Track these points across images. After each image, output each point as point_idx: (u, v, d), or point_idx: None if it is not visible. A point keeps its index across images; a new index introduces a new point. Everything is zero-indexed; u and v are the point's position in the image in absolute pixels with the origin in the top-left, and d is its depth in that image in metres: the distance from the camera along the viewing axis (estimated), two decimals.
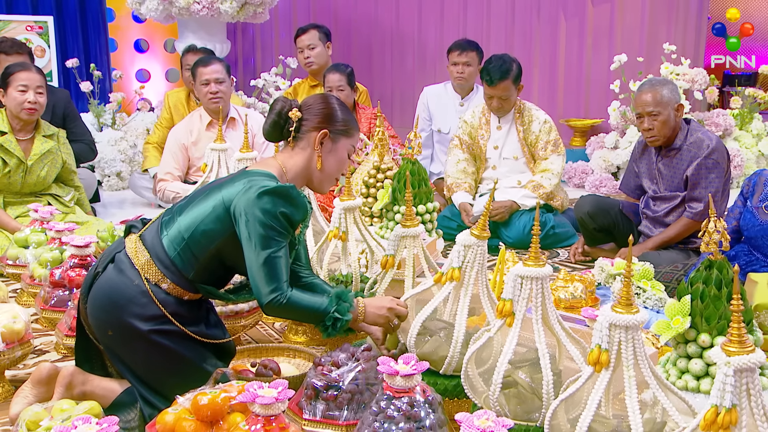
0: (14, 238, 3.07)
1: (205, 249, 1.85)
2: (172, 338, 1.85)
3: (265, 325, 2.74)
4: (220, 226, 1.84)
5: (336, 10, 6.60)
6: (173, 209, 1.93)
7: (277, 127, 1.96)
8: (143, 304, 1.83)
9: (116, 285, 1.85)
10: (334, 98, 2.02)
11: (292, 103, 1.98)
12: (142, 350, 1.85)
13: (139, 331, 1.82)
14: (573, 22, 6.12)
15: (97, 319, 1.87)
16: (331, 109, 1.98)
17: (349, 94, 4.19)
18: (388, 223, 2.86)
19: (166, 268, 1.85)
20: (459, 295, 1.84)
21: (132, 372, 1.87)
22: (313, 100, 2.00)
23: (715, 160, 3.15)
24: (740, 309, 1.29)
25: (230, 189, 1.86)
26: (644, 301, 2.52)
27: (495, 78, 3.78)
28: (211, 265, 1.88)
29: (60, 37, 5.60)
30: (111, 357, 1.91)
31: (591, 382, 1.46)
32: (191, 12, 5.13)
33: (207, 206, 1.86)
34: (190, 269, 1.86)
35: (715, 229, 1.69)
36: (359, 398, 1.72)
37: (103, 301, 1.85)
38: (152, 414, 1.80)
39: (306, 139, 1.97)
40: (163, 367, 1.86)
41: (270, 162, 1.98)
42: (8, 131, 3.36)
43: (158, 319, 1.84)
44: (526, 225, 3.75)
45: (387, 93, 6.51)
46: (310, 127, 1.96)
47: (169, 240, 1.86)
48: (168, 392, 1.80)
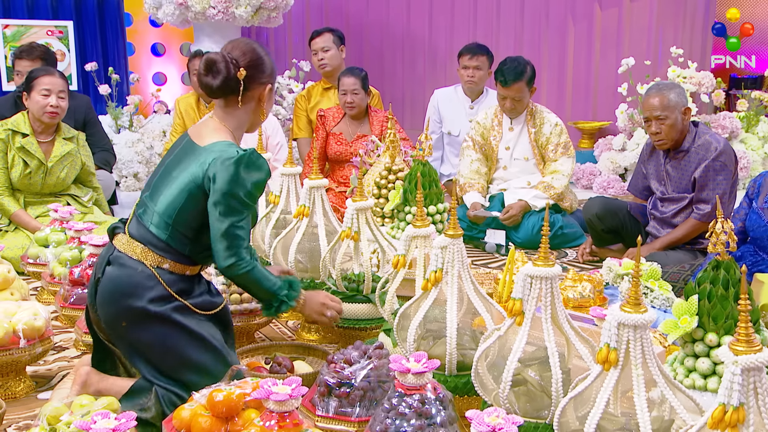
0: (35, 238, 3.14)
1: (191, 227, 1.92)
2: (184, 314, 1.90)
3: (278, 323, 2.78)
4: (199, 204, 1.89)
5: (348, 14, 6.65)
6: (144, 200, 1.98)
7: (227, 88, 1.95)
8: (151, 287, 1.88)
9: (121, 278, 1.90)
10: (261, 47, 2.02)
11: (235, 59, 1.94)
12: (157, 333, 1.88)
13: (151, 313, 1.87)
14: (581, 26, 6.14)
15: (108, 315, 1.91)
16: (268, 61, 2.01)
17: (363, 97, 4.23)
18: (399, 223, 2.90)
19: (163, 250, 1.91)
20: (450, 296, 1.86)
21: (148, 362, 1.91)
22: (246, 52, 1.96)
23: (722, 163, 3.16)
24: (748, 309, 1.31)
25: (196, 167, 1.89)
26: (652, 301, 2.54)
27: (509, 79, 3.81)
28: (201, 238, 1.94)
29: (79, 41, 5.68)
30: (127, 352, 1.95)
31: (600, 381, 1.48)
32: (207, 16, 5.19)
33: (180, 188, 1.90)
34: (184, 246, 1.93)
35: (723, 230, 1.71)
36: (371, 395, 1.74)
37: (112, 295, 1.89)
38: (170, 399, 1.85)
39: (251, 95, 1.99)
40: (178, 345, 1.89)
41: (216, 126, 1.98)
42: (30, 133, 3.43)
43: (167, 299, 1.90)
44: (535, 225, 3.78)
45: (398, 96, 6.54)
46: (256, 83, 1.98)
47: (156, 227, 1.92)
48: (185, 375, 1.86)
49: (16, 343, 2.10)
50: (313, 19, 6.77)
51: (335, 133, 4.32)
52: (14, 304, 2.21)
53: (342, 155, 4.24)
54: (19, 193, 3.47)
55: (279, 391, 1.46)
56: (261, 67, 1.98)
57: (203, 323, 1.94)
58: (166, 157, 2.03)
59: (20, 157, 3.40)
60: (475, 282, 1.89)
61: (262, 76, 1.99)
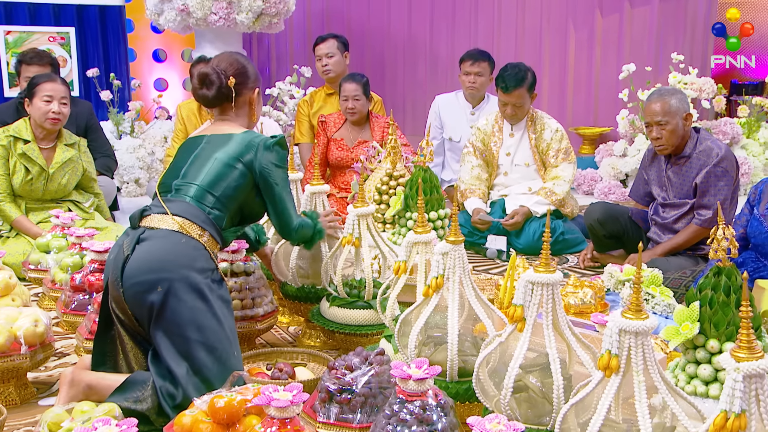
0: (36, 244, 3.14)
1: (234, 201, 2.10)
2: (214, 294, 1.97)
3: (279, 329, 2.78)
4: (244, 181, 2.10)
5: (350, 21, 6.67)
6: (174, 186, 2.07)
7: (222, 96, 2.18)
8: (196, 257, 1.96)
9: (164, 248, 1.94)
10: (243, 56, 2.25)
11: (224, 71, 2.16)
12: (189, 305, 1.91)
13: (192, 282, 1.92)
14: (582, 33, 6.16)
15: (143, 284, 1.90)
16: (251, 68, 2.24)
17: (364, 103, 4.24)
18: (400, 229, 2.90)
19: (204, 222, 2.02)
20: (451, 302, 1.86)
21: (168, 333, 1.89)
22: (232, 63, 2.19)
23: (724, 169, 3.16)
24: (749, 315, 1.31)
25: (236, 147, 2.11)
26: (653, 307, 2.53)
27: (510, 85, 3.82)
28: (235, 215, 2.14)
29: (81, 47, 5.71)
30: (150, 323, 1.91)
31: (601, 387, 1.47)
32: (208, 23, 5.21)
33: (224, 163, 2.08)
34: (221, 219, 2.08)
35: (724, 237, 1.71)
36: (372, 402, 1.74)
37: (153, 264, 1.92)
38: (167, 390, 1.85)
39: (243, 100, 2.23)
40: (204, 322, 1.92)
41: (232, 125, 2.20)
42: (31, 140, 3.44)
43: (209, 271, 1.98)
44: (537, 231, 3.78)
45: (399, 102, 6.56)
46: (245, 89, 2.22)
47: (197, 200, 2.04)
48: (198, 352, 1.89)
49: (18, 350, 2.09)
50: (314, 25, 6.79)
51: (336, 138, 4.33)
52: (15, 310, 2.21)
53: (343, 161, 4.25)
54: (21, 200, 3.48)
55: (280, 397, 1.46)
56: (247, 74, 2.22)
57: (226, 313, 2.00)
58: (185, 155, 2.14)
59: (22, 163, 3.41)
60: (477, 288, 1.90)
61: (249, 82, 2.23)
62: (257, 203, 2.17)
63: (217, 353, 1.93)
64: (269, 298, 2.52)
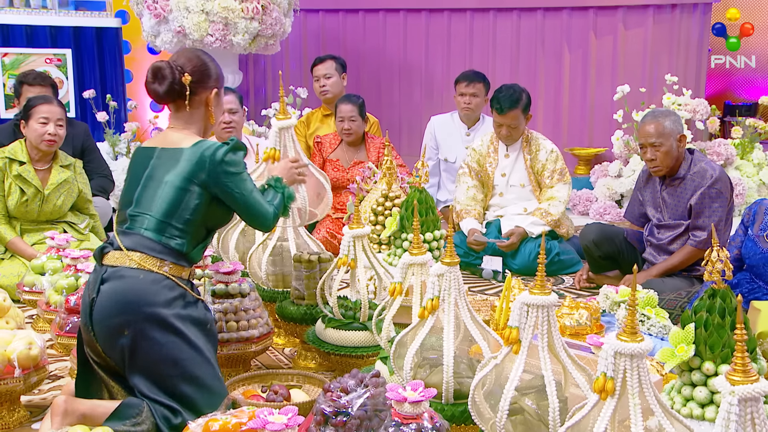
0: (31, 265, 3.13)
1: (194, 223, 2.00)
2: (186, 324, 1.92)
3: (275, 350, 2.77)
4: (202, 200, 2.00)
5: (345, 42, 6.72)
6: (127, 215, 2.01)
7: (173, 92, 2.06)
8: (156, 292, 1.90)
9: (124, 288, 1.90)
10: (207, 55, 2.14)
11: (180, 66, 2.05)
12: (160, 342, 1.88)
13: (157, 319, 1.88)
14: (576, 54, 6.22)
15: (109, 329, 1.89)
16: (213, 67, 2.12)
17: (360, 124, 4.26)
18: (396, 250, 2.90)
19: (161, 252, 1.95)
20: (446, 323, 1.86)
21: (145, 374, 1.89)
22: (191, 59, 2.08)
23: (718, 190, 3.18)
24: (744, 338, 1.31)
25: (187, 164, 2.00)
26: (648, 328, 2.53)
27: (505, 107, 3.85)
28: (198, 234, 2.04)
29: (78, 69, 5.73)
30: (124, 365, 1.91)
31: (597, 410, 1.47)
32: (204, 44, 5.25)
33: (175, 187, 1.98)
34: (182, 243, 1.99)
35: (718, 258, 1.72)
36: (368, 424, 1.72)
37: (115, 307, 1.89)
38: (163, 414, 1.84)
39: (198, 99, 2.10)
40: (179, 356, 1.89)
41: (183, 132, 2.08)
42: (27, 161, 3.44)
43: (175, 300, 1.92)
44: (532, 252, 3.79)
45: (395, 123, 6.59)
46: (202, 88, 2.09)
47: (152, 231, 1.96)
48: (181, 387, 1.86)
49: (11, 373, 2.08)
50: (310, 46, 6.84)
51: (332, 159, 4.34)
52: (9, 332, 2.19)
53: (339, 182, 4.26)
54: (16, 221, 3.47)
55: (275, 420, 1.46)
56: (206, 72, 2.10)
57: (201, 337, 1.96)
58: (137, 171, 2.06)
59: (17, 184, 3.41)
60: (472, 310, 1.90)
61: (208, 81, 2.10)
62: (221, 211, 2.07)
63: (200, 381, 1.91)
64: (264, 319, 2.52)
